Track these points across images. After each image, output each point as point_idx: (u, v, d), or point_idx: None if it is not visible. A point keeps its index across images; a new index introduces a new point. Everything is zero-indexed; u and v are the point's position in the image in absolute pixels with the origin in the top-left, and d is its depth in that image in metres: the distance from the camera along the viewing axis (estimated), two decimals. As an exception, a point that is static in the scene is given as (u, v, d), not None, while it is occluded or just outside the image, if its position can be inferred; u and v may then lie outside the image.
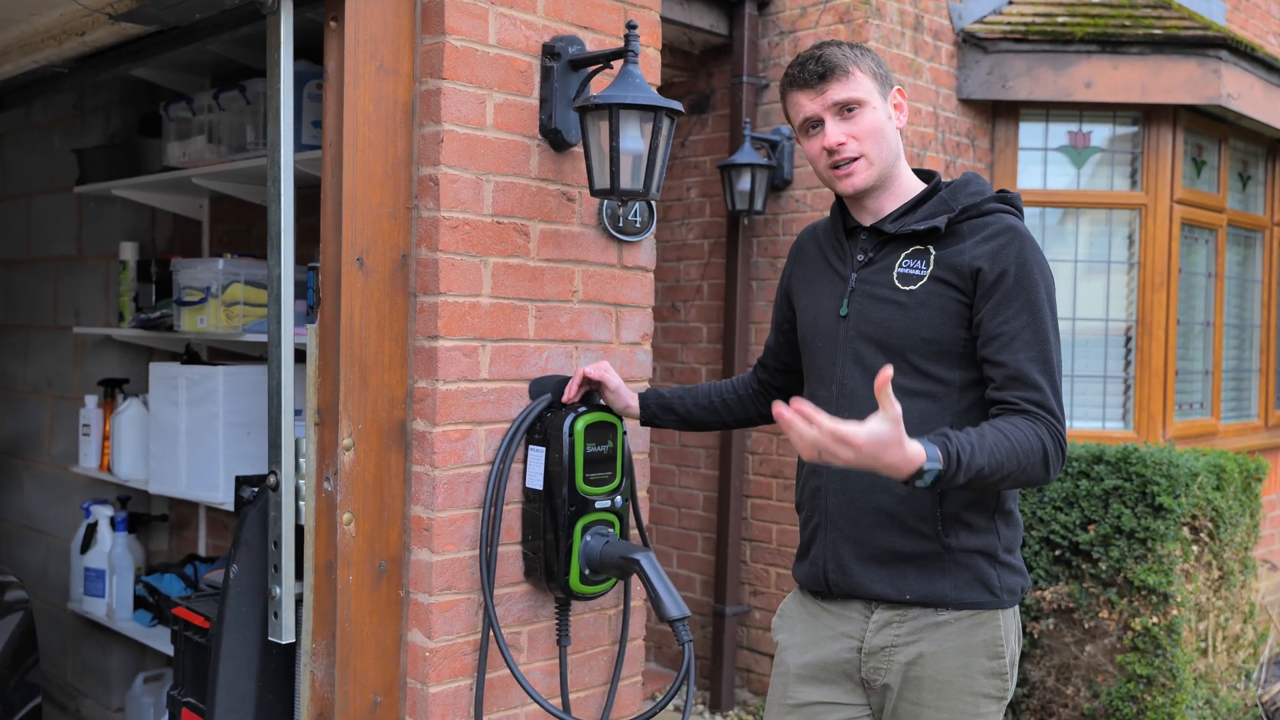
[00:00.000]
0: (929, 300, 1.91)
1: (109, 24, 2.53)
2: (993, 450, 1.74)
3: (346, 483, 2.20)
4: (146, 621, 3.48)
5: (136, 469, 3.44)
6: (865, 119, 1.96)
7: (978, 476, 1.73)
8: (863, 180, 1.97)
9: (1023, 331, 1.84)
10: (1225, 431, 5.38)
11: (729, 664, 4.55)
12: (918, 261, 1.94)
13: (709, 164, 4.75)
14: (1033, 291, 1.87)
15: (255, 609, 2.35)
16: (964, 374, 1.91)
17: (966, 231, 1.93)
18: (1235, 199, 5.42)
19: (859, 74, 1.96)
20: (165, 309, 3.41)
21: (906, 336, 1.91)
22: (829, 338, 2.03)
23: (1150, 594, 3.94)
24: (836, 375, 1.99)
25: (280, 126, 2.21)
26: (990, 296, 1.87)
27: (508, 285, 2.35)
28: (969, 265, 1.89)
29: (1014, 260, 1.87)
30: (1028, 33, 4.58)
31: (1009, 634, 1.93)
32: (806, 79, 1.97)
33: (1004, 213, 1.95)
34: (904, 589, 1.91)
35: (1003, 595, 1.91)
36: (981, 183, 2.00)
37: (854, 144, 1.96)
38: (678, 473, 4.90)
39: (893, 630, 1.92)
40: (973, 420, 1.90)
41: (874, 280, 1.98)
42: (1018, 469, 1.77)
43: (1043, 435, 1.79)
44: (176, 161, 3.18)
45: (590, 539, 2.33)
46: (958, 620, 1.90)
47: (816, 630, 2.02)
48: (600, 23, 2.49)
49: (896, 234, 1.97)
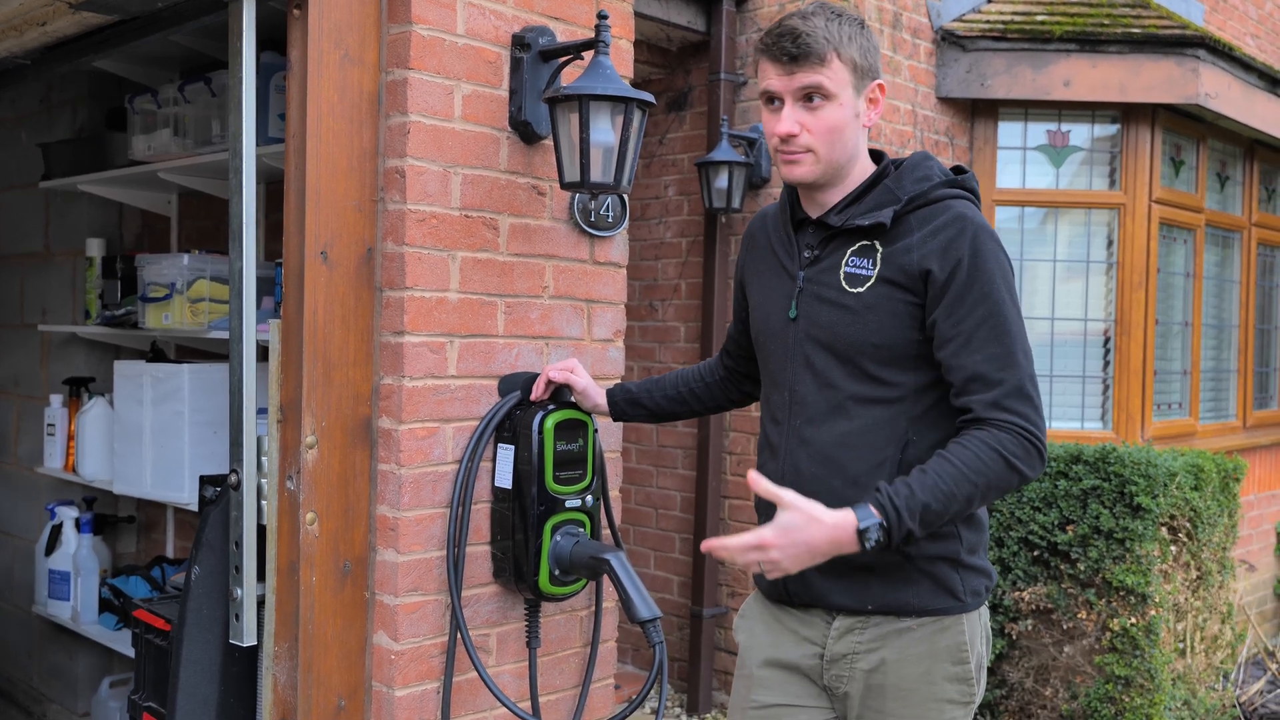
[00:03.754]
0: (877, 303, 1.82)
1: (70, 13, 2.48)
2: (936, 485, 1.69)
3: (310, 482, 2.15)
4: (112, 625, 3.41)
5: (102, 469, 3.38)
6: (827, 114, 1.83)
7: (933, 515, 1.69)
8: (803, 173, 1.86)
9: (979, 329, 1.76)
10: (1204, 432, 5.38)
11: (706, 666, 4.51)
12: (864, 260, 1.85)
13: (686, 162, 4.72)
14: (987, 284, 1.77)
15: (217, 611, 2.30)
16: (918, 377, 1.83)
17: (914, 223, 1.83)
18: (1213, 199, 5.42)
19: (836, 63, 1.82)
20: (131, 306, 3.35)
21: (856, 342, 1.83)
22: (779, 339, 1.95)
23: (1129, 594, 3.93)
24: (788, 380, 1.92)
25: (242, 117, 2.16)
26: (943, 296, 1.78)
27: (476, 280, 2.30)
28: (917, 265, 1.80)
29: (966, 253, 1.77)
30: (1006, 31, 4.56)
31: (974, 638, 1.88)
32: (777, 53, 1.83)
33: (954, 198, 1.84)
34: (866, 599, 1.85)
35: (967, 599, 1.86)
36: (930, 165, 1.89)
37: (806, 136, 1.83)
38: (655, 473, 4.85)
39: (854, 637, 1.87)
40: (930, 424, 1.83)
41: (821, 280, 1.89)
42: (977, 490, 1.71)
43: (1002, 442, 1.72)
44: (142, 155, 3.12)
45: (560, 539, 2.28)
46: (921, 626, 1.84)
47: (779, 632, 1.96)
48: (571, 13, 2.45)
49: (842, 228, 1.87)
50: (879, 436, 1.82)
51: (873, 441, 1.83)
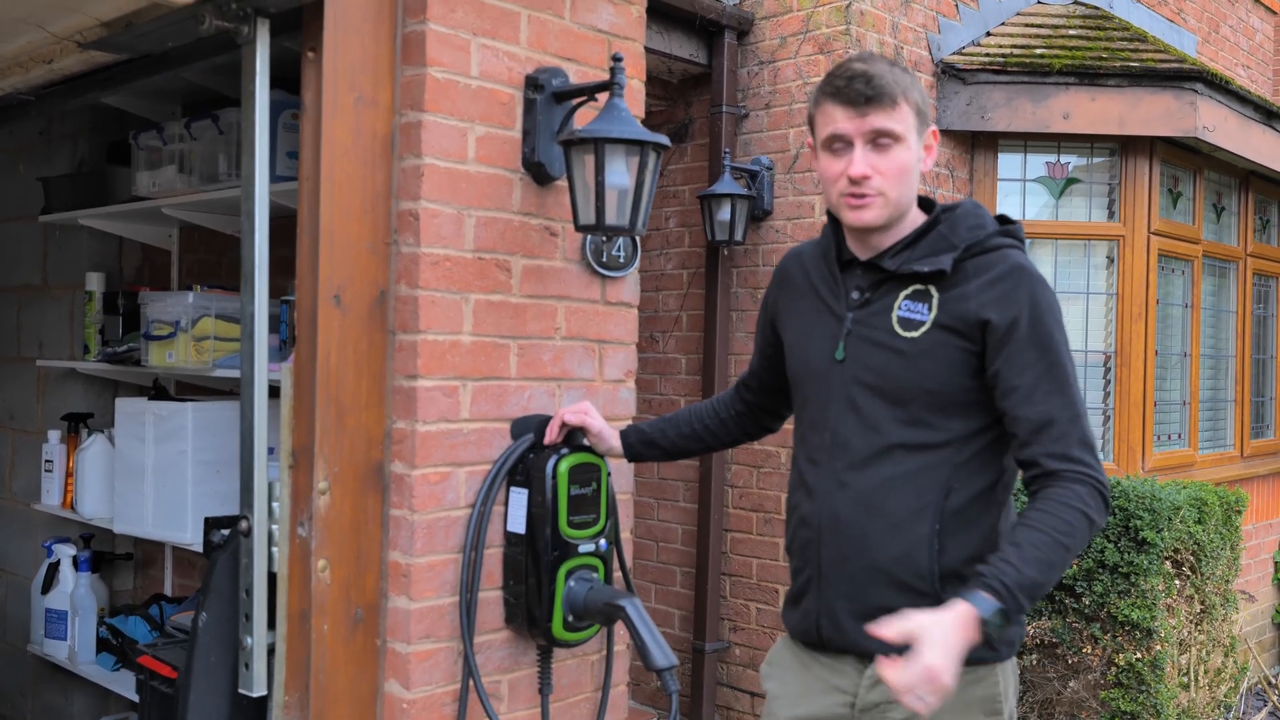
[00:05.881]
0: (933, 350, 1.82)
1: (78, 52, 2.46)
2: (1036, 557, 1.69)
3: (322, 528, 2.12)
4: (110, 665, 3.36)
5: (101, 507, 3.34)
6: (897, 156, 1.82)
7: (1038, 588, 1.69)
8: (874, 217, 1.85)
9: (1042, 380, 1.77)
10: (1202, 462, 5.38)
11: (709, 702, 4.46)
12: (919, 304, 1.84)
13: (688, 194, 4.71)
14: (1047, 336, 1.79)
15: (225, 659, 2.26)
16: (966, 424, 1.83)
17: (971, 271, 1.83)
18: (1210, 230, 5.44)
19: (905, 106, 1.82)
20: (133, 342, 3.31)
21: (909, 387, 1.83)
22: (822, 381, 1.93)
23: (1134, 629, 3.91)
24: (830, 422, 1.91)
25: (255, 159, 2.14)
26: (1004, 347, 1.79)
27: (489, 322, 2.28)
28: (976, 315, 1.80)
29: (1025, 304, 1.79)
30: (1006, 64, 4.58)
31: (1008, 689, 1.86)
32: (852, 96, 1.80)
33: (1009, 248, 1.86)
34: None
35: (1001, 648, 1.85)
36: (982, 214, 1.90)
37: (878, 179, 1.82)
38: (656, 506, 4.83)
39: (887, 687, 1.85)
40: (973, 471, 1.83)
41: (872, 323, 1.88)
42: (1070, 553, 1.72)
43: (1082, 496, 1.73)
44: (146, 191, 3.10)
45: (574, 584, 2.26)
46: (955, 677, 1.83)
47: (808, 681, 1.94)
48: (584, 54, 2.44)
49: (896, 272, 1.87)
50: (922, 482, 1.81)
51: (916, 487, 1.82)
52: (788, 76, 4.38)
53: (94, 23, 2.33)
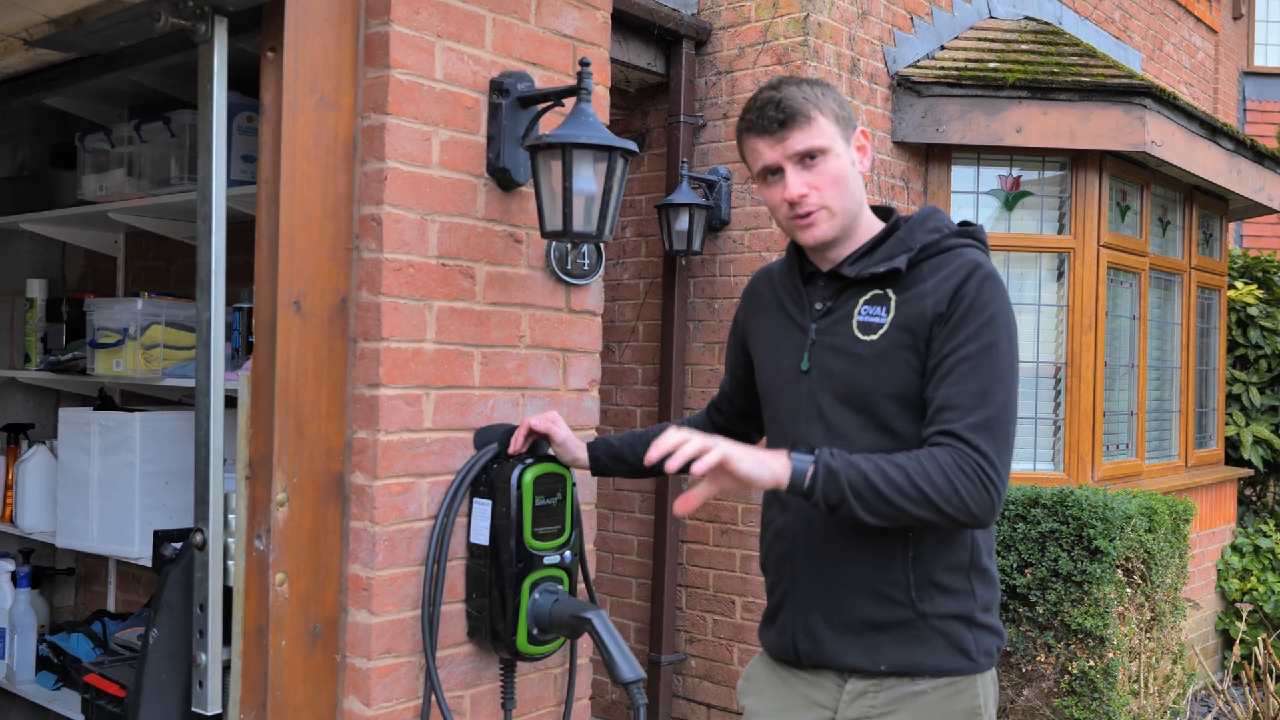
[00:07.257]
0: (891, 352, 1.80)
1: (24, 50, 2.38)
2: (875, 466, 1.70)
3: (280, 541, 2.06)
4: (50, 684, 3.24)
5: (42, 520, 3.23)
6: (828, 167, 1.83)
7: (859, 484, 1.69)
8: (824, 231, 1.85)
9: (962, 363, 1.73)
10: (1149, 471, 5.46)
11: (665, 715, 4.43)
12: (878, 308, 1.83)
13: (645, 203, 4.69)
14: (984, 324, 1.75)
15: (177, 677, 2.18)
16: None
17: (927, 272, 1.82)
18: (1156, 243, 5.53)
19: (821, 119, 1.83)
20: (77, 350, 3.21)
21: (870, 391, 1.81)
22: (789, 393, 1.92)
23: (1087, 637, 3.94)
24: (800, 433, 1.89)
25: (213, 162, 2.08)
26: (941, 333, 1.77)
27: (453, 330, 2.24)
28: (931, 311, 1.78)
29: (971, 292, 1.76)
30: (960, 78, 4.62)
31: (987, 699, 1.85)
32: (766, 125, 1.83)
33: (966, 247, 1.85)
34: (878, 659, 1.81)
35: (980, 659, 1.83)
36: (940, 217, 1.90)
37: (816, 195, 1.83)
38: (611, 517, 4.79)
39: (868, 701, 1.83)
40: None
41: (834, 330, 1.87)
42: (907, 488, 1.68)
43: (952, 461, 1.68)
44: (93, 195, 3.01)
45: (539, 596, 2.21)
46: (935, 689, 1.81)
47: (787, 697, 1.92)
48: (549, 59, 2.41)
49: (855, 278, 1.86)
50: None
51: None
52: (745, 87, 4.38)
53: (41, 19, 2.26)
